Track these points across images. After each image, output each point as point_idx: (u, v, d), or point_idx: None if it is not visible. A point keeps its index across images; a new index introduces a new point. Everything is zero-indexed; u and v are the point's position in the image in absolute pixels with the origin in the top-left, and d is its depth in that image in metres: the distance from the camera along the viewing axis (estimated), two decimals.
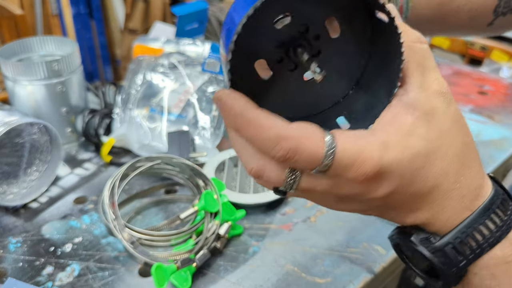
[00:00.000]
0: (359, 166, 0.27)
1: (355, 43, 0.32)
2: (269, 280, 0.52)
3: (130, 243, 0.53)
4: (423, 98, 0.29)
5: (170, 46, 0.87)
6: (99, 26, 2.31)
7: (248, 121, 0.27)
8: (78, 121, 0.73)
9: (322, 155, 0.27)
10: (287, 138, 0.26)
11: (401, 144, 0.28)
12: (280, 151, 0.27)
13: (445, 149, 0.29)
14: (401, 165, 0.27)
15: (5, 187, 0.64)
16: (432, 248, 0.30)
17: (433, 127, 0.28)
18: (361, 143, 0.27)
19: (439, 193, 0.29)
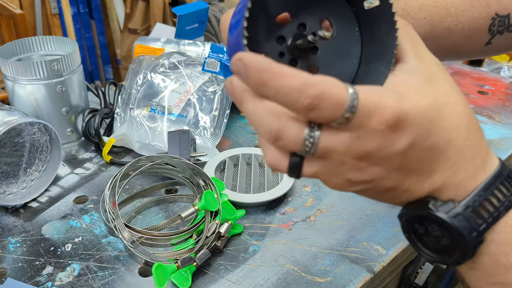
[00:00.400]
0: (380, 113, 0.27)
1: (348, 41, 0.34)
2: (269, 280, 0.52)
3: (130, 242, 0.53)
4: (422, 65, 0.31)
5: (170, 46, 0.87)
6: (99, 25, 2.30)
7: (274, 73, 0.27)
8: (78, 121, 0.73)
9: (347, 100, 0.26)
10: (312, 85, 0.26)
11: (414, 96, 0.29)
12: (307, 98, 0.26)
13: (452, 106, 0.30)
14: (418, 113, 0.28)
15: (4, 187, 0.64)
16: (452, 213, 0.30)
17: (437, 87, 0.30)
18: (378, 92, 0.28)
19: (453, 149, 0.30)
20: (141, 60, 0.80)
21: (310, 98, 0.26)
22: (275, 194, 0.63)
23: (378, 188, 0.31)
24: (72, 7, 2.34)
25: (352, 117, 0.27)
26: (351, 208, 0.64)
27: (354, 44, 0.34)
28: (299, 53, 0.33)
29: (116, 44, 2.58)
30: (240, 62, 0.28)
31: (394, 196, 0.32)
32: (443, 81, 0.31)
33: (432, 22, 0.50)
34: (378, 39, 0.32)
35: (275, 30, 0.33)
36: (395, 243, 0.58)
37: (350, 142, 0.28)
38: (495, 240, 0.30)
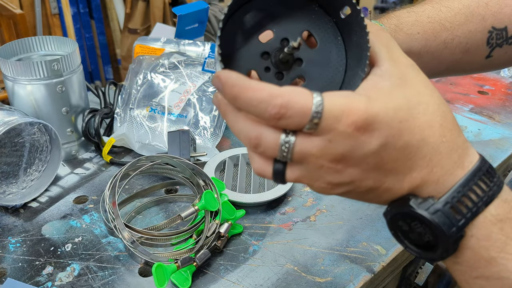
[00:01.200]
0: (347, 116, 0.29)
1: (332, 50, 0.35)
2: (269, 280, 0.52)
3: (130, 242, 0.53)
4: (395, 68, 0.32)
5: (170, 46, 0.87)
6: (99, 25, 2.31)
7: (243, 88, 0.30)
8: (78, 120, 0.73)
9: (311, 108, 0.29)
10: (278, 96, 0.29)
11: (384, 99, 0.30)
12: (274, 108, 0.29)
13: (424, 105, 0.31)
14: (388, 115, 0.30)
15: (4, 186, 0.64)
16: (431, 209, 0.31)
17: (409, 88, 0.31)
18: (346, 98, 0.30)
19: (428, 147, 0.31)
20: (141, 60, 0.80)
21: (276, 108, 0.29)
22: (275, 194, 0.63)
23: (359, 189, 0.32)
24: (72, 7, 2.34)
25: (319, 122, 0.29)
26: (351, 208, 0.64)
27: (339, 52, 0.35)
28: (283, 66, 0.35)
29: (116, 44, 2.58)
30: (217, 79, 0.31)
31: (377, 196, 0.33)
32: (416, 82, 0.32)
33: (426, 36, 0.51)
34: (356, 44, 0.34)
35: (259, 47, 0.35)
36: (395, 243, 0.58)
37: (323, 145, 0.30)
38: (475, 235, 0.31)
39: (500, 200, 0.32)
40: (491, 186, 0.31)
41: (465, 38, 0.52)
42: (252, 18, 0.35)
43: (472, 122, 0.87)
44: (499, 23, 0.53)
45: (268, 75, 0.35)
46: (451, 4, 0.53)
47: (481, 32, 0.53)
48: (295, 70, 0.35)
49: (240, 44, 0.35)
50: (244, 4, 0.34)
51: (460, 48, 0.53)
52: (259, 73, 0.35)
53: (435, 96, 0.32)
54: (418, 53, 0.51)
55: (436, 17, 0.52)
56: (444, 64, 0.54)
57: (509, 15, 0.53)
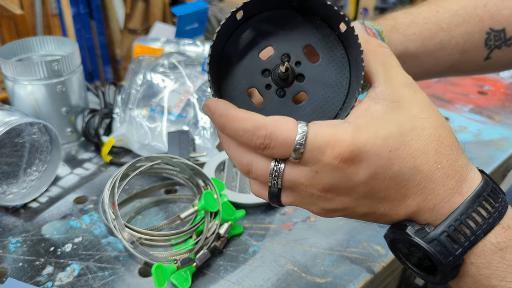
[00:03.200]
0: (332, 148, 0.29)
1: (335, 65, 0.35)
2: (269, 280, 0.52)
3: (130, 243, 0.53)
4: (389, 90, 0.31)
5: (170, 46, 0.87)
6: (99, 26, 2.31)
7: (229, 118, 0.30)
8: (78, 121, 0.73)
9: (294, 139, 0.29)
10: (262, 127, 0.29)
11: (373, 127, 0.29)
12: (258, 139, 0.29)
13: (419, 130, 0.30)
14: (376, 145, 0.29)
15: (5, 187, 0.64)
16: (427, 238, 0.30)
17: (403, 112, 0.30)
18: (333, 128, 0.29)
19: (421, 175, 0.30)
20: (140, 60, 0.80)
21: (261, 139, 0.29)
22: None
23: (355, 214, 0.32)
24: (72, 8, 2.34)
25: (303, 153, 0.29)
26: None
27: (342, 67, 0.34)
28: (283, 83, 0.34)
29: (116, 44, 2.58)
30: (206, 108, 0.32)
31: (375, 219, 0.33)
32: (411, 104, 0.30)
33: (422, 37, 0.51)
34: (355, 61, 0.33)
35: (259, 64, 0.34)
36: None
37: (310, 175, 0.30)
38: (474, 263, 0.30)
39: (501, 227, 0.30)
40: (492, 213, 0.30)
41: (462, 39, 0.52)
42: (251, 36, 0.35)
43: (472, 123, 0.87)
44: (497, 24, 0.52)
45: (269, 92, 0.35)
46: (448, 5, 0.52)
47: (479, 33, 0.52)
48: (296, 86, 0.34)
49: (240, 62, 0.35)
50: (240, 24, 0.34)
51: (457, 49, 0.52)
52: (260, 91, 0.35)
53: (432, 118, 0.31)
54: (415, 53, 0.51)
55: (432, 18, 0.51)
56: (442, 65, 0.54)
57: (507, 17, 0.52)
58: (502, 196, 0.31)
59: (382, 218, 0.32)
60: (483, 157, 0.76)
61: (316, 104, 0.34)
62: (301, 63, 0.34)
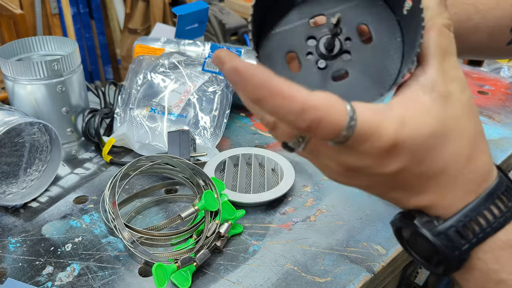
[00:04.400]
0: (375, 139, 0.27)
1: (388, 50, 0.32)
2: (269, 280, 0.52)
3: (130, 242, 0.53)
4: (441, 81, 0.29)
5: (170, 46, 0.87)
6: (99, 25, 2.31)
7: (272, 93, 0.25)
8: (78, 121, 0.73)
9: (343, 127, 0.26)
10: (311, 109, 0.25)
11: (417, 121, 0.28)
12: (304, 122, 0.25)
13: (458, 133, 0.29)
14: (415, 143, 0.28)
15: (4, 186, 0.64)
16: (435, 231, 0.30)
17: (448, 110, 0.28)
18: (379, 116, 0.27)
19: (446, 178, 0.29)
20: (141, 60, 0.80)
21: (307, 122, 0.26)
22: (275, 194, 0.63)
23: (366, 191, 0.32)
24: (72, 7, 2.34)
25: (347, 140, 0.27)
26: (351, 208, 0.64)
27: (394, 56, 0.32)
28: (327, 54, 0.32)
29: (116, 44, 2.58)
30: (235, 73, 0.25)
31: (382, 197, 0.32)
32: (458, 102, 0.29)
33: (460, 18, 0.50)
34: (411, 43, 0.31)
35: (307, 30, 0.32)
36: (395, 243, 0.58)
37: (339, 154, 0.29)
38: (482, 259, 0.30)
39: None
40: (504, 212, 0.30)
41: (493, 22, 0.51)
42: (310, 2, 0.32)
43: None
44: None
45: (309, 61, 0.32)
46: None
47: (506, 18, 0.52)
48: (339, 63, 0.32)
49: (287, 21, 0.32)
50: None
51: (487, 32, 0.52)
52: (299, 57, 0.32)
53: (473, 121, 0.30)
54: None
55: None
56: (469, 47, 0.53)
57: None
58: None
59: (392, 202, 0.32)
60: None
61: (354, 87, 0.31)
62: (352, 40, 0.32)
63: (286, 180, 0.66)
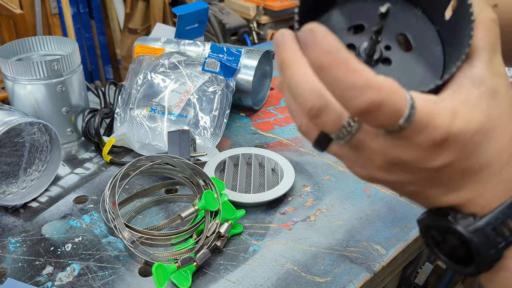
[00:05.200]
0: (431, 130, 0.26)
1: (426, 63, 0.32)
2: (269, 280, 0.52)
3: (130, 242, 0.53)
4: (489, 76, 0.28)
5: (170, 46, 0.87)
6: (99, 25, 2.31)
7: (338, 61, 0.24)
8: (78, 120, 0.73)
9: (405, 113, 0.24)
10: (374, 89, 0.24)
11: (468, 115, 0.27)
12: (365, 102, 0.24)
13: (503, 129, 0.28)
14: (466, 136, 0.27)
15: (4, 186, 0.64)
16: (471, 228, 0.29)
17: (495, 106, 0.28)
18: (435, 104, 0.26)
19: (487, 173, 0.29)
20: (141, 60, 0.80)
21: (368, 102, 0.24)
22: (275, 194, 0.63)
23: (398, 189, 0.31)
24: (72, 7, 2.34)
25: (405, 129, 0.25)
26: (351, 208, 0.64)
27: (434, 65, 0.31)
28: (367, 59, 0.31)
29: (116, 44, 2.58)
30: (310, 34, 0.25)
31: (412, 196, 0.31)
32: (504, 99, 0.29)
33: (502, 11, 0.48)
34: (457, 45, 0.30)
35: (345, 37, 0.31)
36: (395, 243, 0.58)
37: (389, 146, 0.27)
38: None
39: None
40: None
41: None
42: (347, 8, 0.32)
43: None
44: None
45: None
46: None
47: None
48: (380, 70, 0.31)
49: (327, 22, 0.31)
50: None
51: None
52: None
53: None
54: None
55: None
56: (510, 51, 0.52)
57: None
58: None
59: (423, 200, 0.31)
60: None
61: None
62: (391, 48, 0.31)
63: (286, 180, 0.66)
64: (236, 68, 0.82)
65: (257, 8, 2.40)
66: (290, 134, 0.82)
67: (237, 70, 0.82)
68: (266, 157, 0.71)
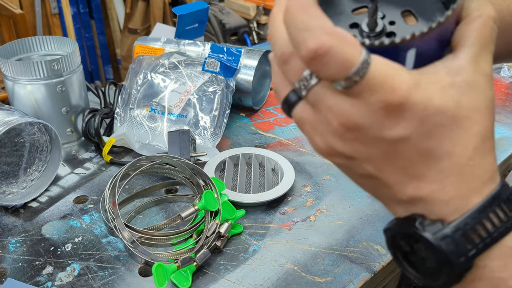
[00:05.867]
0: (386, 90, 0.25)
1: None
2: (269, 280, 0.52)
3: (130, 242, 0.53)
4: (470, 69, 0.27)
5: (170, 46, 0.87)
6: (99, 25, 2.32)
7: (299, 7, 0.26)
8: (78, 120, 0.73)
9: (355, 65, 0.24)
10: (326, 34, 0.24)
11: (433, 92, 0.26)
12: (313, 44, 0.24)
13: (472, 122, 0.27)
14: (426, 111, 0.26)
15: (4, 186, 0.64)
16: (439, 234, 0.27)
17: (468, 98, 0.27)
18: (395, 71, 0.26)
19: (450, 163, 0.27)
20: (141, 60, 0.80)
21: (318, 44, 0.24)
22: (275, 194, 0.63)
23: (357, 170, 0.29)
24: (72, 7, 2.34)
25: (356, 83, 0.25)
26: (351, 208, 0.64)
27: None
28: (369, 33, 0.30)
29: (116, 44, 2.58)
30: None
31: (373, 186, 0.30)
32: (480, 95, 0.27)
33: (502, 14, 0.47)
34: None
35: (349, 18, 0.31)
36: None
37: (342, 104, 0.26)
38: (488, 266, 0.28)
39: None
40: (510, 216, 0.28)
41: None
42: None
43: None
44: None
45: None
46: None
47: None
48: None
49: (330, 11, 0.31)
50: None
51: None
52: None
53: (490, 120, 0.28)
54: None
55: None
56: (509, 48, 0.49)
57: None
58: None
59: (383, 189, 0.30)
60: None
61: None
62: (396, 23, 0.31)
63: (286, 180, 0.66)
64: (236, 68, 0.82)
65: (257, 8, 2.40)
66: (290, 134, 0.82)
67: (237, 70, 0.82)
68: (266, 157, 0.71)
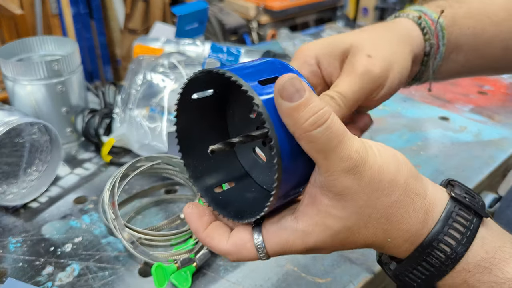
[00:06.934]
0: (288, 250, 0.33)
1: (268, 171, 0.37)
2: (269, 280, 0.52)
3: (130, 243, 0.53)
4: (332, 181, 0.30)
5: (170, 46, 0.87)
6: (99, 26, 2.32)
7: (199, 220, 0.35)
8: (78, 121, 0.73)
9: (257, 257, 0.33)
10: (227, 254, 0.33)
11: (320, 227, 0.31)
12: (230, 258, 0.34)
13: (365, 219, 0.31)
14: (326, 243, 0.32)
15: (5, 187, 0.64)
16: (392, 273, 0.35)
17: (348, 205, 0.30)
18: (285, 235, 0.32)
19: (375, 247, 0.34)
20: (140, 60, 0.80)
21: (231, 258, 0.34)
22: None
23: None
24: (72, 8, 2.34)
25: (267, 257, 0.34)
26: None
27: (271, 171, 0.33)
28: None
29: (116, 44, 2.58)
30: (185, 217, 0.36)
31: None
32: (356, 194, 0.30)
33: (475, 32, 0.49)
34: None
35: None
36: None
37: None
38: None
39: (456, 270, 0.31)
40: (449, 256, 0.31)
41: (508, 34, 0.50)
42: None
43: (472, 123, 0.87)
44: None
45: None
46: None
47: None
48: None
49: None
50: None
51: (502, 45, 0.51)
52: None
53: (382, 198, 0.30)
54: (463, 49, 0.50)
55: (484, 9, 0.50)
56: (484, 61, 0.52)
57: None
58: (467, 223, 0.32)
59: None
60: (483, 157, 0.76)
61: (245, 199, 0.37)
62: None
63: None
64: None
65: (257, 8, 2.40)
66: None
67: None
68: None
